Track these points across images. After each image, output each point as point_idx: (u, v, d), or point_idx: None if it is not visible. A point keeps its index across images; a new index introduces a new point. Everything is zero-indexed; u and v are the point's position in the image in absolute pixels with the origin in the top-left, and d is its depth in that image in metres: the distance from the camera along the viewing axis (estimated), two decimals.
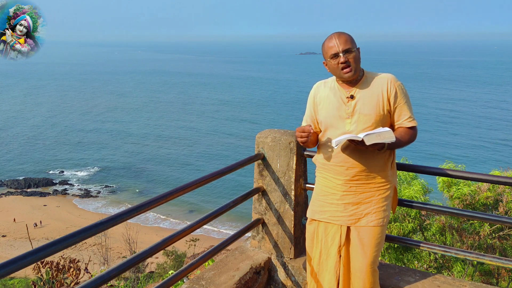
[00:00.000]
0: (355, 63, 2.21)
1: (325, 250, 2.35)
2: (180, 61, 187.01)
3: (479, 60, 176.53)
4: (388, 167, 2.31)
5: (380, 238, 2.29)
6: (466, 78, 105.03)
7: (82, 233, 1.63)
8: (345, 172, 2.27)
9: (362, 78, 2.28)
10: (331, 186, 2.34)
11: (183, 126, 56.02)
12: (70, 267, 4.15)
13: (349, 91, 2.27)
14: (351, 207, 2.28)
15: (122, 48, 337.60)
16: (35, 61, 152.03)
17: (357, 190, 2.28)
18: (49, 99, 77.56)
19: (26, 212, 31.18)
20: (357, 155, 2.24)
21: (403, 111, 2.26)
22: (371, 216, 2.26)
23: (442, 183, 6.58)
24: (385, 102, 2.23)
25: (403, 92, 2.26)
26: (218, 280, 2.57)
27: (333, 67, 2.25)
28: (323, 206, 2.37)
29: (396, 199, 2.42)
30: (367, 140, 2.06)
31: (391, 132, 2.10)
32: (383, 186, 2.28)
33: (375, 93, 2.24)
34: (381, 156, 2.27)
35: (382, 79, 2.26)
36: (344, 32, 2.25)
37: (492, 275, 6.45)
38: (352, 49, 2.20)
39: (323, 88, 2.38)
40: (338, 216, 2.31)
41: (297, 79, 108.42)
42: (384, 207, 2.29)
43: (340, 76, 2.24)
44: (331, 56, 2.23)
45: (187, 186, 2.23)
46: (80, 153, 44.77)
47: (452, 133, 49.14)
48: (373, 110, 2.22)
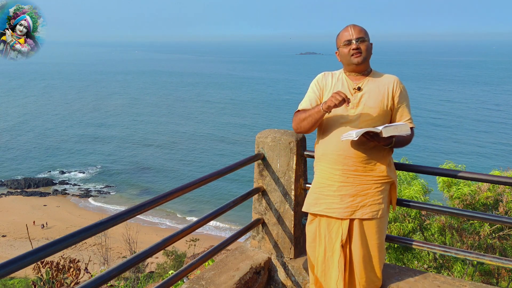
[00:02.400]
0: (366, 52, 2.27)
1: (330, 247, 2.34)
2: (180, 61, 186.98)
3: (478, 60, 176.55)
4: (387, 161, 2.32)
5: (379, 232, 2.30)
6: (465, 78, 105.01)
7: (82, 233, 1.63)
8: (343, 161, 2.27)
9: (370, 73, 2.35)
10: (328, 177, 2.34)
11: (183, 126, 56.01)
12: (70, 267, 4.15)
13: (357, 83, 2.32)
14: (347, 198, 2.28)
15: (122, 48, 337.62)
16: (35, 61, 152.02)
17: (355, 181, 2.28)
18: (49, 99, 77.54)
19: (26, 212, 31.17)
20: (357, 146, 2.25)
21: (404, 112, 2.33)
22: (366, 208, 2.27)
23: (442, 183, 6.58)
24: (389, 99, 2.29)
25: (406, 95, 2.35)
26: (218, 280, 2.57)
27: (344, 53, 2.29)
28: (318, 199, 2.38)
29: (395, 196, 2.42)
30: (385, 132, 2.08)
31: (407, 126, 2.16)
32: (380, 180, 2.29)
33: (382, 89, 2.30)
34: (379, 149, 2.29)
35: (388, 78, 2.34)
36: (359, 25, 2.31)
37: (492, 275, 6.45)
38: (365, 38, 2.27)
39: (331, 77, 2.40)
40: (333, 208, 2.31)
41: (297, 79, 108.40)
42: (380, 200, 2.29)
43: (350, 62, 2.28)
44: (344, 43, 2.28)
45: (187, 186, 2.23)
46: (80, 153, 44.77)
47: (452, 133, 49.13)
48: (378, 104, 2.27)
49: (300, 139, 2.83)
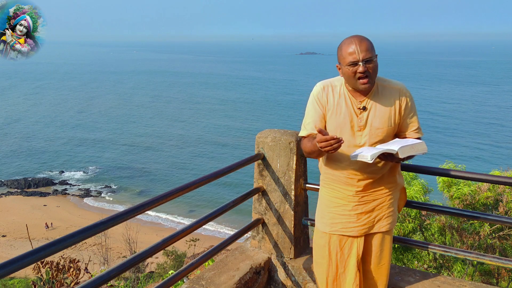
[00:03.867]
0: (374, 74, 2.06)
1: (341, 264, 2.29)
2: (179, 61, 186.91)
3: (476, 60, 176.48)
4: (396, 171, 2.30)
5: (391, 240, 2.31)
6: (464, 78, 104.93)
7: (82, 233, 1.63)
8: (356, 184, 2.21)
9: (374, 87, 2.15)
10: (341, 197, 2.26)
11: (183, 126, 56.01)
12: (70, 267, 4.15)
13: (361, 101, 2.14)
14: (364, 216, 2.24)
15: (122, 48, 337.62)
16: (35, 61, 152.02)
17: (369, 199, 2.23)
18: (49, 99, 77.53)
19: (26, 212, 31.16)
20: (365, 166, 2.17)
21: (411, 122, 2.21)
22: (383, 221, 2.25)
23: (442, 183, 6.58)
24: (396, 115, 2.16)
25: (413, 103, 2.21)
26: (218, 280, 2.57)
27: (348, 75, 2.07)
28: (334, 218, 2.29)
29: (405, 198, 2.41)
30: (402, 153, 1.95)
31: (424, 144, 2.04)
32: (392, 190, 2.27)
33: (387, 105, 2.15)
34: (389, 164, 2.22)
35: (394, 91, 2.16)
36: (365, 38, 2.07)
37: (492, 275, 6.45)
38: (373, 58, 2.03)
39: (331, 91, 2.19)
40: (350, 227, 2.25)
41: (296, 79, 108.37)
42: (394, 210, 2.29)
43: (355, 86, 2.09)
44: (349, 64, 2.04)
45: (187, 186, 2.23)
46: (80, 153, 44.74)
47: (451, 133, 49.13)
48: (384, 123, 2.14)
49: (300, 139, 2.82)
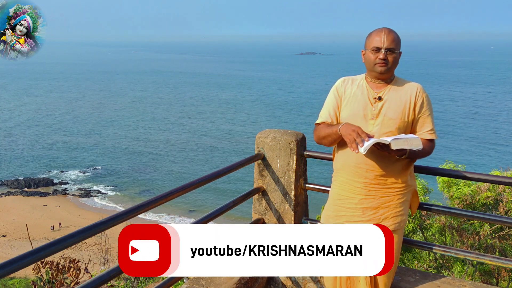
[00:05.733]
0: (392, 65, 2.20)
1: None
2: (179, 61, 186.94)
3: (476, 60, 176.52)
4: (408, 172, 2.29)
5: (399, 242, 2.29)
6: (463, 78, 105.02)
7: (82, 233, 1.63)
8: (365, 174, 2.22)
9: (392, 81, 2.27)
10: (349, 189, 2.28)
11: (183, 126, 56.03)
12: (70, 267, 4.15)
13: (378, 92, 2.24)
14: (369, 211, 2.24)
15: (121, 48, 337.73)
16: (35, 61, 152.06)
17: (377, 194, 2.23)
18: (49, 99, 77.55)
19: (26, 212, 31.17)
20: (378, 158, 2.19)
21: (426, 122, 2.25)
22: (389, 220, 2.24)
23: (442, 183, 6.57)
24: (411, 110, 2.22)
25: (429, 104, 2.26)
26: (218, 280, 2.57)
27: (370, 59, 2.21)
28: (338, 211, 2.31)
29: (417, 201, 2.40)
30: (394, 144, 2.01)
31: (419, 140, 2.07)
32: (402, 191, 2.26)
33: (403, 99, 2.22)
34: (401, 160, 2.23)
35: (411, 87, 2.26)
36: (394, 32, 2.22)
37: (492, 275, 6.45)
38: (395, 50, 2.18)
39: (351, 84, 2.31)
40: (354, 221, 2.25)
41: (297, 79, 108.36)
42: (402, 211, 2.26)
43: (373, 69, 2.21)
44: (372, 48, 2.19)
45: (187, 186, 2.23)
46: (80, 153, 44.76)
47: (451, 133, 49.13)
48: (398, 115, 2.20)
49: (300, 139, 2.82)
